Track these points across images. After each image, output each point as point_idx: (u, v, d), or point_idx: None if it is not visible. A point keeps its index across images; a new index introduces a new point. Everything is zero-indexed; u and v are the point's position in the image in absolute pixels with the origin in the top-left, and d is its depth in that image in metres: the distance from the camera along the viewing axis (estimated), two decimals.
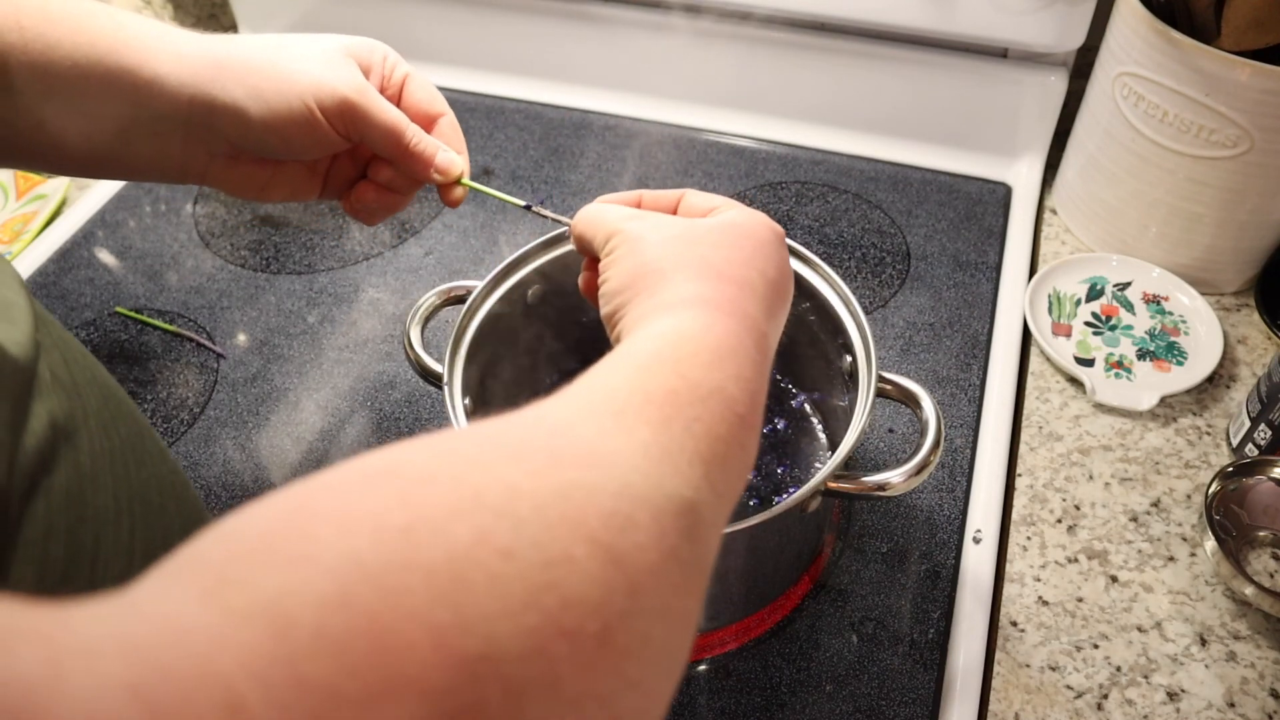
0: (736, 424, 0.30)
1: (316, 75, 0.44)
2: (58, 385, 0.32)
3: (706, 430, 0.29)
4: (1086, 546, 0.58)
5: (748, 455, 0.32)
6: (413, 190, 0.51)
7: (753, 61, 0.87)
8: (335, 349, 0.72)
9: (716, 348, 0.32)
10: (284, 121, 0.44)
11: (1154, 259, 0.73)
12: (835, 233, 0.80)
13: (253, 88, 0.44)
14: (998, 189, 0.83)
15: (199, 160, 0.47)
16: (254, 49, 0.45)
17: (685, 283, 0.36)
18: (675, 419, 0.28)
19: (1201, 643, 0.54)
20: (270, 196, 0.50)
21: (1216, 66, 0.62)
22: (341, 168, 0.51)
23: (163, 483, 0.38)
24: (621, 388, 0.29)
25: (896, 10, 0.77)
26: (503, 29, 0.93)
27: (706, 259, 0.37)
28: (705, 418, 0.29)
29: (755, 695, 0.53)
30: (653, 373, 0.30)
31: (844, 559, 0.58)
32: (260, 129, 0.44)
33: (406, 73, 0.49)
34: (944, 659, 0.54)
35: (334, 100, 0.44)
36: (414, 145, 0.47)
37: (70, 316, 0.75)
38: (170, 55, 0.44)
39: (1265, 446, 0.60)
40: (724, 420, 0.30)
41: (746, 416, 0.31)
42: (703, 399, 0.30)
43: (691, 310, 0.34)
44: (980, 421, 0.65)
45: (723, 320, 0.34)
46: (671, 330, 0.33)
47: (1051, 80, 0.80)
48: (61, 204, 0.86)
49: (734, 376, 0.32)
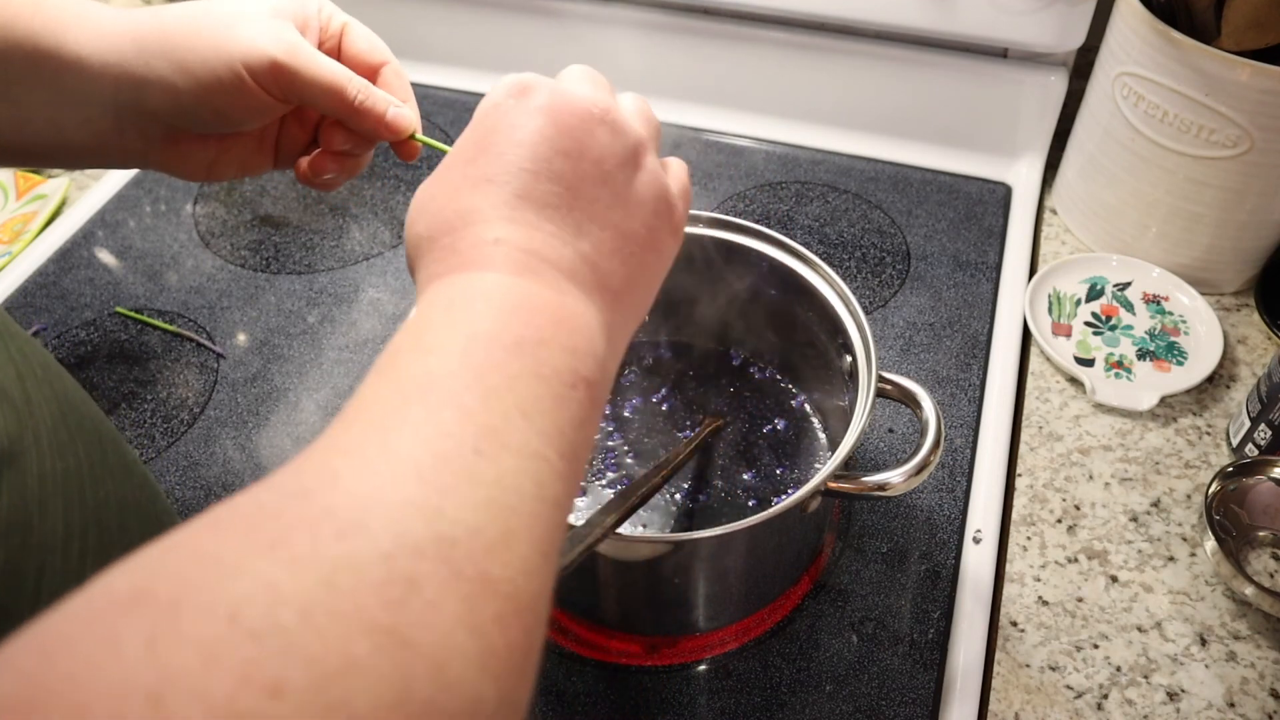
0: (550, 397, 0.27)
1: (243, 38, 0.41)
2: (5, 404, 0.31)
3: (504, 406, 0.26)
4: (1086, 546, 0.58)
5: (585, 424, 0.28)
6: (368, 149, 0.48)
7: (753, 61, 0.87)
8: (335, 349, 0.72)
9: (502, 306, 0.29)
10: (212, 92, 0.41)
11: (1154, 259, 0.73)
12: (835, 233, 0.80)
13: (177, 60, 0.41)
14: (998, 189, 0.83)
15: (136, 143, 0.44)
16: (176, 19, 0.42)
17: (472, 221, 0.31)
18: (450, 403, 0.25)
19: (1201, 643, 0.54)
20: (220, 175, 0.47)
21: (1216, 66, 0.62)
22: (291, 135, 0.48)
23: (124, 501, 0.36)
24: (384, 397, 0.26)
25: (896, 10, 0.77)
26: (503, 29, 0.93)
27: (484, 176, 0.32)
28: (516, 391, 0.26)
29: (755, 695, 0.53)
30: (422, 356, 0.27)
31: (844, 559, 0.58)
32: (191, 102, 0.42)
33: (344, 22, 0.46)
34: (944, 659, 0.54)
35: (263, 62, 0.41)
36: (360, 101, 0.43)
37: (70, 316, 0.75)
38: (92, 34, 0.41)
39: (1265, 446, 0.60)
40: (539, 394, 0.27)
41: (559, 378, 0.28)
42: (504, 376, 0.26)
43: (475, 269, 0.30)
44: (980, 421, 0.65)
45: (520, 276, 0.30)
46: (447, 304, 0.29)
47: (1051, 80, 0.80)
48: (61, 204, 0.86)
49: (534, 342, 0.28)
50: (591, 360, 0.29)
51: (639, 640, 0.55)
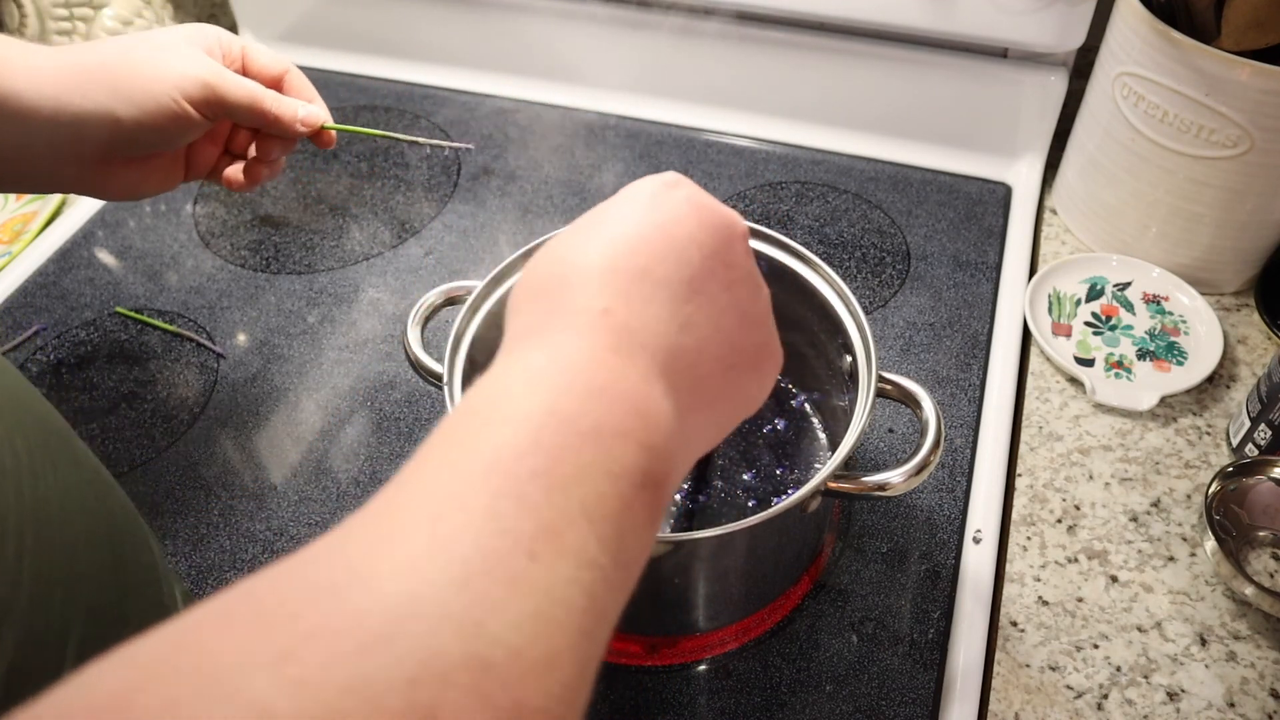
0: (616, 497, 0.25)
1: (177, 69, 0.48)
2: None
3: (566, 507, 0.23)
4: (1086, 546, 0.58)
5: (645, 530, 0.26)
6: (283, 152, 0.56)
7: (753, 61, 0.87)
8: (335, 349, 0.72)
9: (588, 391, 0.26)
10: (155, 117, 0.48)
11: (1154, 259, 0.73)
12: (835, 233, 0.80)
13: (120, 91, 0.47)
14: (998, 189, 0.83)
15: (68, 170, 0.49)
16: (112, 55, 0.48)
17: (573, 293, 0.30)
18: (512, 491, 0.23)
19: (1201, 643, 0.54)
20: (142, 193, 0.53)
21: (1216, 66, 0.62)
22: (203, 151, 0.55)
23: (68, 494, 0.36)
24: (445, 469, 0.24)
25: (896, 10, 0.77)
26: (503, 29, 0.93)
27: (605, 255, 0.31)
28: (577, 489, 0.24)
29: (755, 695, 0.53)
30: (488, 439, 0.24)
31: (844, 559, 0.58)
32: (133, 128, 0.48)
33: (243, 45, 0.54)
34: (944, 659, 0.54)
35: (197, 88, 0.49)
36: (274, 109, 0.52)
37: (70, 316, 0.76)
38: (25, 71, 0.46)
39: (1265, 446, 0.60)
40: (605, 493, 0.24)
41: (626, 482, 0.25)
42: (569, 471, 0.24)
43: (566, 337, 0.28)
44: (980, 421, 0.65)
45: (606, 353, 0.28)
46: (531, 369, 0.27)
47: (1051, 80, 0.80)
48: (61, 204, 0.87)
49: (609, 431, 0.26)
50: (665, 463, 0.27)
51: (639, 640, 0.55)
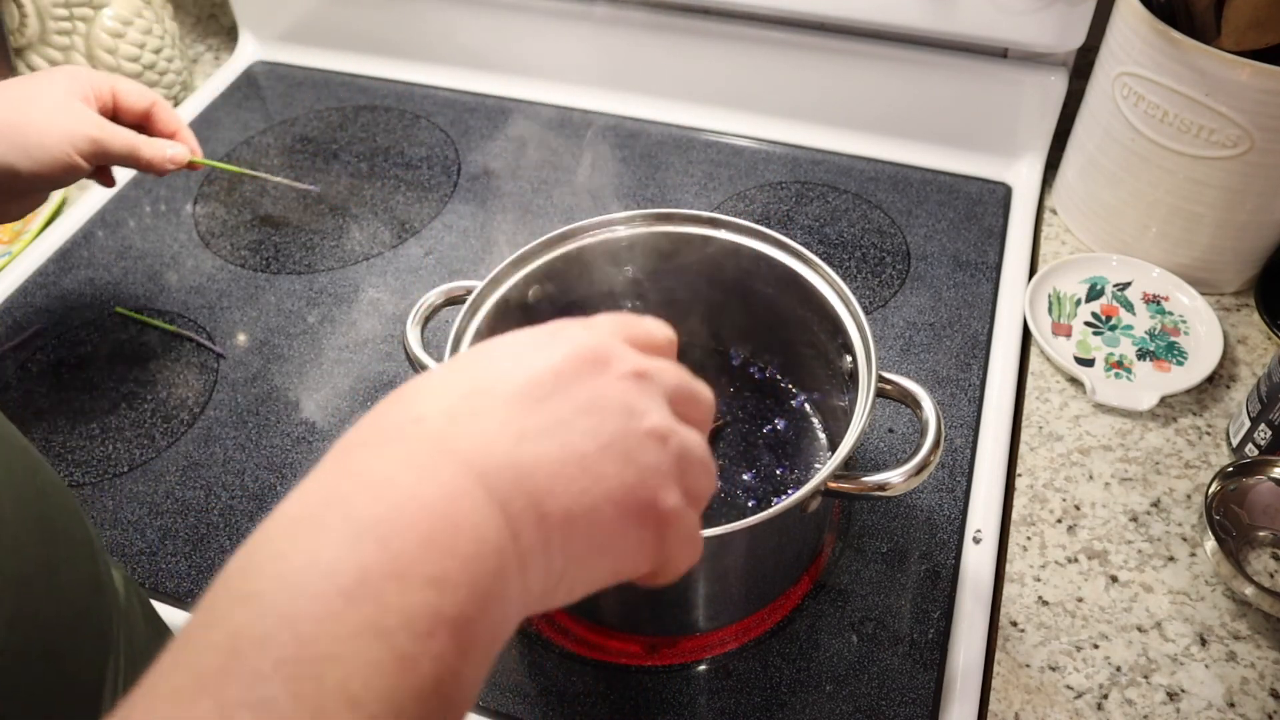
0: (392, 660, 0.21)
1: (67, 125, 0.56)
2: None
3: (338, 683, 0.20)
4: (1086, 546, 0.58)
5: (444, 685, 0.22)
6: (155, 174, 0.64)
7: (753, 61, 0.87)
8: (335, 349, 0.72)
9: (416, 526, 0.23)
10: (49, 168, 0.56)
11: (1154, 259, 0.73)
12: (835, 233, 0.80)
13: (17, 146, 0.55)
14: (998, 189, 0.83)
15: None
16: (11, 115, 0.55)
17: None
18: (246, 699, 0.19)
19: (1201, 643, 0.54)
20: (16, 217, 0.62)
21: (1216, 66, 0.62)
22: None
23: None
24: (199, 640, 0.21)
25: (896, 10, 0.77)
26: (503, 29, 0.93)
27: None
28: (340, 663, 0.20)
29: (755, 695, 0.53)
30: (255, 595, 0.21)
31: (844, 559, 0.58)
32: (30, 178, 0.56)
33: (112, 83, 0.61)
34: (944, 659, 0.54)
35: (86, 142, 0.57)
36: (147, 154, 0.60)
37: (70, 316, 0.75)
38: None
39: (1265, 446, 0.60)
40: (373, 660, 0.20)
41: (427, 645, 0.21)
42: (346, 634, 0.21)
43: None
44: (980, 421, 0.65)
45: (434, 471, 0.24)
46: (303, 504, 0.24)
47: (1051, 80, 0.80)
48: (61, 204, 0.87)
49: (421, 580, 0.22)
50: (465, 592, 0.22)
51: (639, 640, 0.55)
